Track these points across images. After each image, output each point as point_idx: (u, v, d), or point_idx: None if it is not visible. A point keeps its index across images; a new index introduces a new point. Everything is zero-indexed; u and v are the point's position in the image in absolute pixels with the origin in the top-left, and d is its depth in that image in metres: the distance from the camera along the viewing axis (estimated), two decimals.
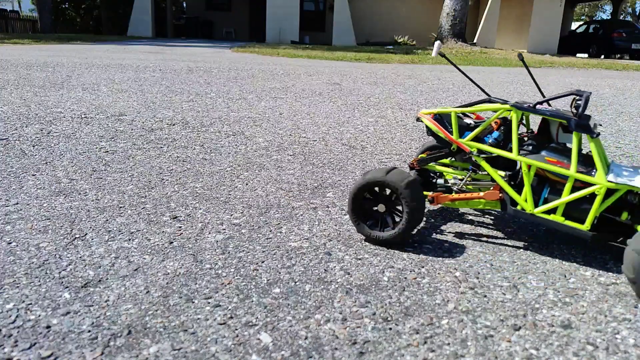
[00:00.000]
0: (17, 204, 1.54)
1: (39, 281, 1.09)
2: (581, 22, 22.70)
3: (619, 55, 16.76)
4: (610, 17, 23.16)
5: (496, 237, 1.44)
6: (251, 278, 1.14)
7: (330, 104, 3.83)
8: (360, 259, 1.26)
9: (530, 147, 1.36)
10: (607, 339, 0.97)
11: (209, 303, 1.03)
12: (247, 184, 1.83)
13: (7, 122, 2.67)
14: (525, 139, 1.41)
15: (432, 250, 1.33)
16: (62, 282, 1.09)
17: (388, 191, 1.34)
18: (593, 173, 1.25)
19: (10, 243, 1.27)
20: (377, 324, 0.99)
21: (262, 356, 0.88)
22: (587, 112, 3.85)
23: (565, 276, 1.22)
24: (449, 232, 1.46)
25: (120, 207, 1.55)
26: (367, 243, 1.36)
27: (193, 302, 1.03)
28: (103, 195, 1.66)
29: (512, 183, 1.38)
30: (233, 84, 4.76)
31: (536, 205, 1.32)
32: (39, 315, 0.97)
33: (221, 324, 0.97)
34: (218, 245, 1.31)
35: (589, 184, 1.25)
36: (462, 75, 6.87)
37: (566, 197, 1.26)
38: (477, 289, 1.14)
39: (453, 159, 1.57)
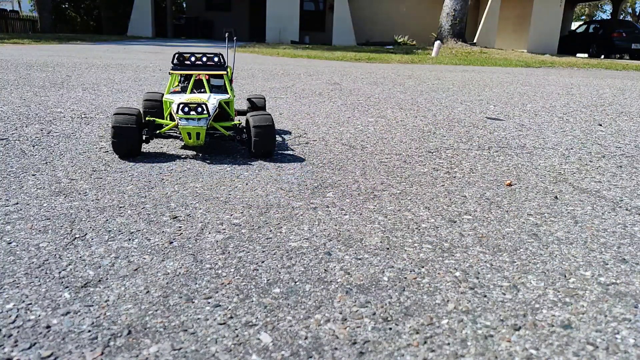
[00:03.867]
0: (17, 204, 1.54)
1: (39, 281, 1.09)
2: (581, 22, 22.68)
3: (619, 55, 16.76)
4: (610, 17, 23.15)
5: (496, 237, 1.44)
6: (251, 278, 1.14)
7: (330, 104, 3.83)
8: (360, 259, 1.26)
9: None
10: (607, 339, 0.97)
11: (209, 303, 1.03)
12: (247, 184, 1.83)
13: (7, 122, 2.67)
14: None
15: (432, 250, 1.33)
16: (62, 282, 1.09)
17: None
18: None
19: (10, 243, 1.27)
20: (377, 324, 0.99)
21: (262, 356, 0.88)
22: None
23: (565, 276, 1.22)
24: (448, 232, 1.46)
25: (120, 207, 1.55)
26: (367, 243, 1.36)
27: (193, 302, 1.03)
28: (103, 195, 1.66)
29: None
30: (232, 83, 4.75)
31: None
32: (39, 315, 0.97)
33: (221, 324, 0.97)
34: (218, 245, 1.31)
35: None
36: (461, 74, 6.86)
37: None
38: (477, 289, 1.14)
39: None
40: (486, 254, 1.33)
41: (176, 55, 2.29)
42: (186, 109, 2.02)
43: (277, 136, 2.64)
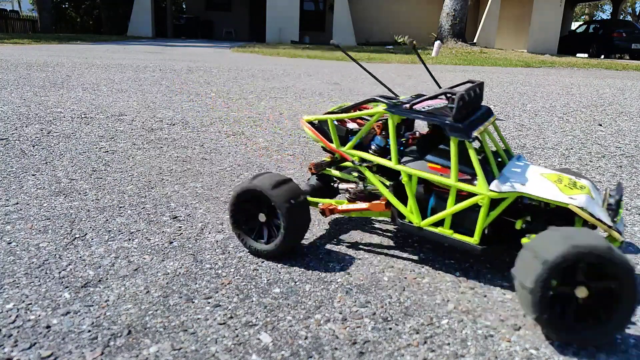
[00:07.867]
0: (17, 204, 1.54)
1: (39, 281, 1.09)
2: (581, 22, 22.70)
3: (619, 55, 16.75)
4: (610, 17, 23.15)
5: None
6: (251, 278, 1.15)
7: (331, 104, 3.83)
8: (360, 259, 1.26)
9: (416, 151, 1.24)
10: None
11: (209, 303, 1.04)
12: None
13: (7, 122, 2.67)
14: (411, 140, 1.31)
15: (432, 250, 1.33)
16: (62, 282, 1.09)
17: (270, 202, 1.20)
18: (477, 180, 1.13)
19: (10, 243, 1.27)
20: (377, 324, 0.99)
21: (262, 356, 0.88)
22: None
23: None
24: None
25: (120, 207, 1.55)
26: (368, 243, 1.36)
27: (193, 302, 1.03)
28: (103, 195, 1.66)
29: (399, 193, 1.24)
30: (233, 83, 4.76)
31: (424, 217, 1.19)
32: (39, 315, 0.97)
33: (221, 324, 0.97)
34: (218, 245, 1.31)
35: (473, 194, 1.12)
36: (461, 75, 6.86)
37: (451, 208, 1.14)
38: (477, 289, 1.14)
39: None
40: (486, 254, 1.33)
41: (455, 103, 1.14)
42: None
43: (275, 136, 2.64)
